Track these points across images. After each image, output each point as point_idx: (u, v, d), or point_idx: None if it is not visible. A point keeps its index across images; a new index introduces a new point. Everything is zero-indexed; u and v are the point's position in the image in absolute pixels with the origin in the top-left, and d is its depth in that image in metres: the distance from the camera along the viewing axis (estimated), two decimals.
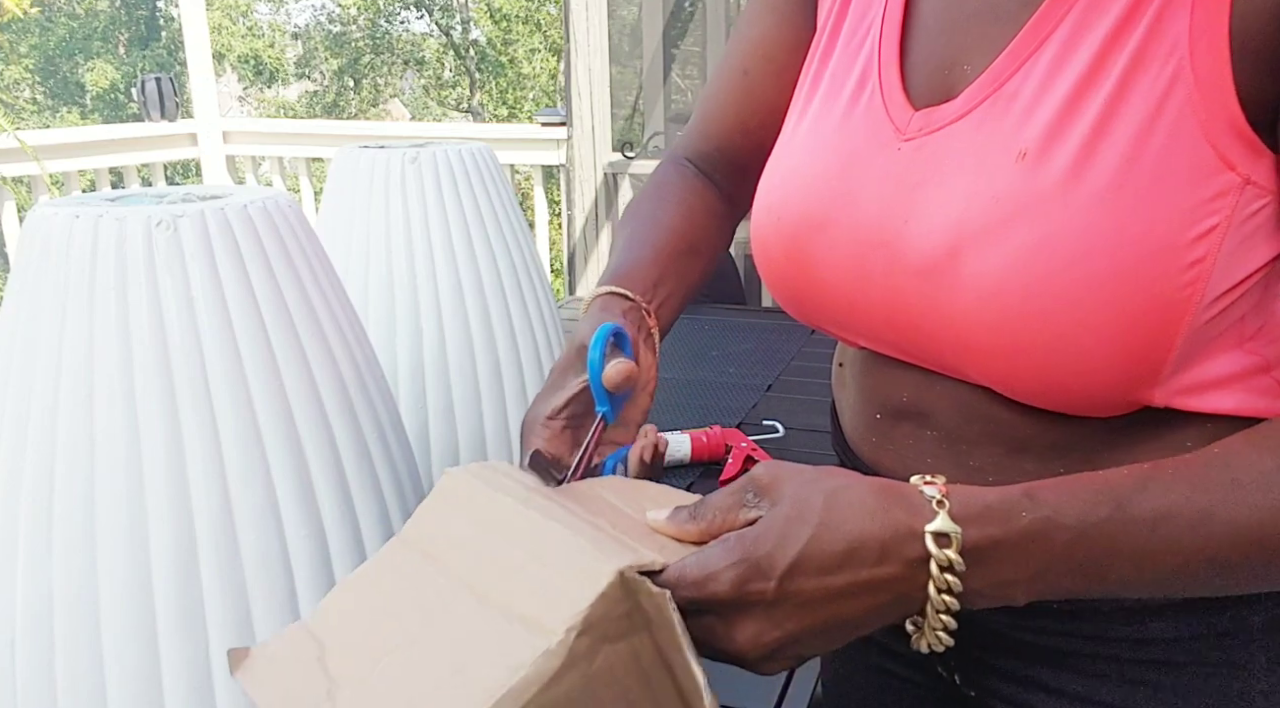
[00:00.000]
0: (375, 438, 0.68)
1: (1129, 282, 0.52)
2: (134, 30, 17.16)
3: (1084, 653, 0.64)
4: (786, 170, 0.69)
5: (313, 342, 0.64)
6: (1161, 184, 0.52)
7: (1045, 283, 0.53)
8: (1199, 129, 0.52)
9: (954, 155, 0.58)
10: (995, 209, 0.55)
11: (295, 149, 4.04)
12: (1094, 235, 0.53)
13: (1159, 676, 0.63)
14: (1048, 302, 0.53)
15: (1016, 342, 0.55)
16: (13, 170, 3.17)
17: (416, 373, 0.96)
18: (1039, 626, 0.65)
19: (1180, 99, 0.52)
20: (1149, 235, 0.52)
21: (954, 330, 0.57)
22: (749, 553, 0.46)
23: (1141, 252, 0.52)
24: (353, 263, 0.96)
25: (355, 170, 0.96)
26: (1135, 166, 0.53)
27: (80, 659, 0.58)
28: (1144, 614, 0.62)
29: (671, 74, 3.54)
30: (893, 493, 0.48)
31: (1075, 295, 0.53)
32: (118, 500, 0.57)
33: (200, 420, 0.59)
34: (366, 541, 0.66)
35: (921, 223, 0.59)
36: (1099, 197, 0.53)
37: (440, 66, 17.72)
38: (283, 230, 0.64)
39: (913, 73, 0.64)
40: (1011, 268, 0.54)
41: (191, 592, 0.58)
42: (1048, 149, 0.55)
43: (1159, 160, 0.53)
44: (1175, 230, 0.52)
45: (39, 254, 0.59)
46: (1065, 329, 0.53)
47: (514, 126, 8.04)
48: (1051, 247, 0.53)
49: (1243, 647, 0.61)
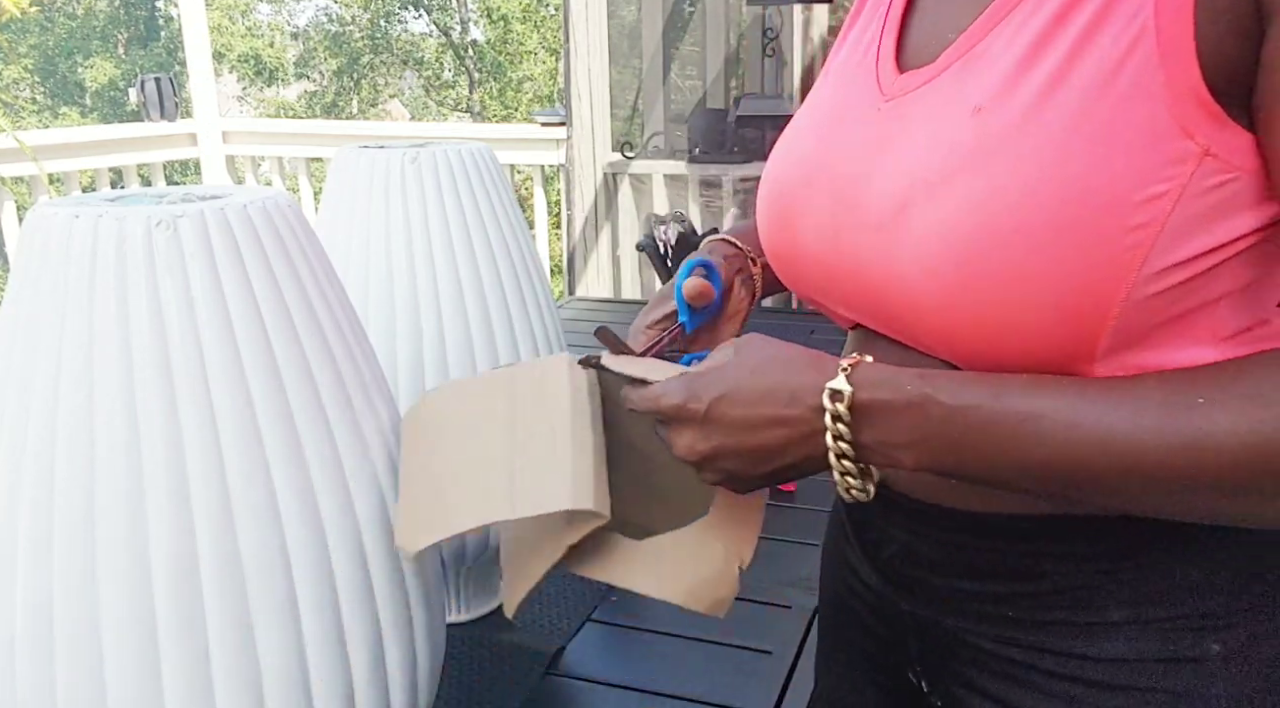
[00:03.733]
0: (375, 438, 0.68)
1: (1068, 237, 0.53)
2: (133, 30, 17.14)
3: (1039, 667, 0.64)
4: (786, 135, 0.73)
5: (313, 342, 0.64)
6: (1112, 143, 0.52)
7: (986, 234, 0.54)
8: (1158, 92, 0.52)
9: (921, 114, 0.61)
10: (946, 162, 0.57)
11: (295, 149, 4.04)
12: (1038, 188, 0.53)
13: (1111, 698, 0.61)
14: (986, 252, 0.54)
15: (956, 295, 0.56)
16: (12, 170, 3.16)
17: (416, 373, 0.96)
18: (999, 634, 0.65)
19: (1140, 59, 0.52)
20: (1093, 193, 0.52)
21: (903, 284, 0.59)
22: (691, 383, 0.61)
23: (1084, 208, 0.52)
24: (353, 263, 0.96)
25: (355, 170, 0.96)
26: (1085, 123, 0.53)
27: (80, 658, 0.57)
28: (1104, 630, 0.61)
29: (671, 74, 3.54)
30: (813, 358, 0.59)
31: (1015, 248, 0.54)
32: (117, 499, 0.57)
33: (200, 420, 0.59)
34: (366, 540, 0.66)
35: (881, 179, 0.61)
36: (1046, 150, 0.53)
37: (439, 66, 17.71)
38: (283, 230, 0.64)
39: (909, 41, 0.66)
40: (955, 218, 0.56)
41: (191, 591, 0.58)
42: (1001, 102, 0.56)
43: (1111, 119, 0.52)
44: (1122, 191, 0.52)
45: (38, 254, 0.59)
46: (1003, 281, 0.54)
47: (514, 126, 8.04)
48: (996, 198, 0.54)
49: (1201, 678, 0.60)
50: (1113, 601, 0.61)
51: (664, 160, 3.40)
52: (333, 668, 0.64)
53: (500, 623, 1.07)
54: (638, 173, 3.41)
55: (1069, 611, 0.62)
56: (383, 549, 0.67)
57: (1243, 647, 0.59)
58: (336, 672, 0.64)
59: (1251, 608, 0.60)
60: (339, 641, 0.64)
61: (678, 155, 3.41)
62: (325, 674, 0.63)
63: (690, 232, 2.24)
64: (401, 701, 0.69)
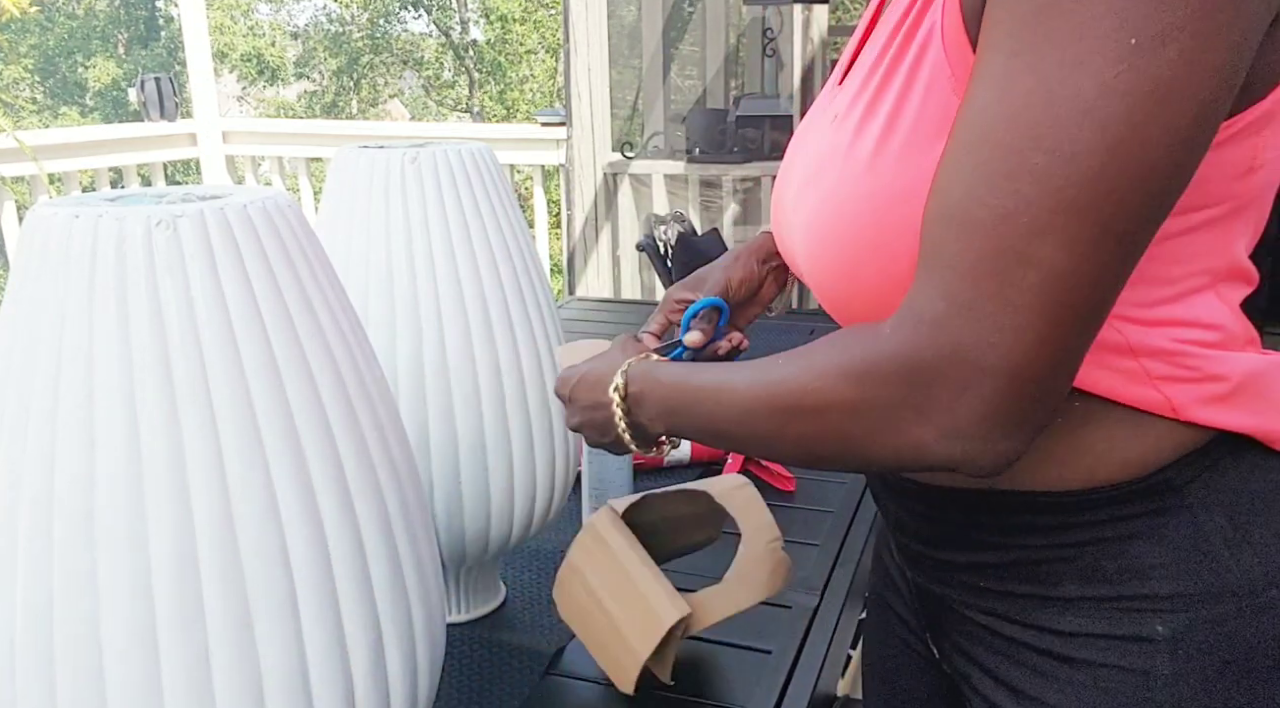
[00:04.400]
0: (375, 438, 0.68)
1: (888, 231, 0.60)
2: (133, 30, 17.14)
3: (1011, 637, 0.69)
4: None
5: (312, 342, 0.64)
6: (915, 138, 0.58)
7: (828, 229, 0.64)
8: (947, 82, 0.57)
9: (814, 122, 0.72)
10: (810, 164, 0.68)
11: (295, 149, 4.04)
12: (858, 192, 0.61)
13: (1070, 671, 0.65)
14: (831, 245, 0.64)
15: (820, 276, 0.68)
16: (12, 170, 3.16)
17: (416, 373, 0.96)
18: (977, 604, 0.72)
19: (933, 55, 0.57)
20: (903, 193, 0.58)
21: (797, 264, 0.73)
22: (566, 376, 0.83)
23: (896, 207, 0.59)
24: (352, 263, 0.96)
25: (355, 170, 0.96)
26: (894, 127, 0.59)
27: (79, 658, 0.57)
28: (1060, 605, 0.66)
29: (671, 74, 3.54)
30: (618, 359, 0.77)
31: (847, 241, 0.63)
32: (117, 500, 0.57)
33: (200, 420, 0.59)
34: (366, 540, 0.66)
35: (793, 174, 0.72)
36: (864, 155, 0.61)
37: (439, 66, 17.71)
38: (282, 230, 0.64)
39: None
40: (814, 214, 0.66)
41: (191, 591, 0.58)
42: (848, 112, 0.64)
43: (916, 118, 0.58)
44: (925, 183, 0.56)
45: (38, 253, 0.59)
46: (847, 268, 0.64)
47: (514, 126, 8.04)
48: (831, 200, 0.64)
49: (1148, 655, 0.62)
50: (1066, 577, 0.65)
51: (664, 160, 3.40)
52: (332, 668, 0.64)
53: (500, 623, 1.07)
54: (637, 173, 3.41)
55: (1030, 584, 0.67)
56: (382, 549, 0.67)
57: (1187, 630, 0.61)
58: (336, 672, 0.64)
59: (1202, 594, 0.61)
60: (339, 641, 0.64)
61: (677, 155, 3.41)
62: (325, 674, 0.63)
63: (690, 232, 2.24)
64: (401, 701, 0.69)
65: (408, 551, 0.69)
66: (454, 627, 1.06)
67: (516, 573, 1.17)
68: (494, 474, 0.98)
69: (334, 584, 0.64)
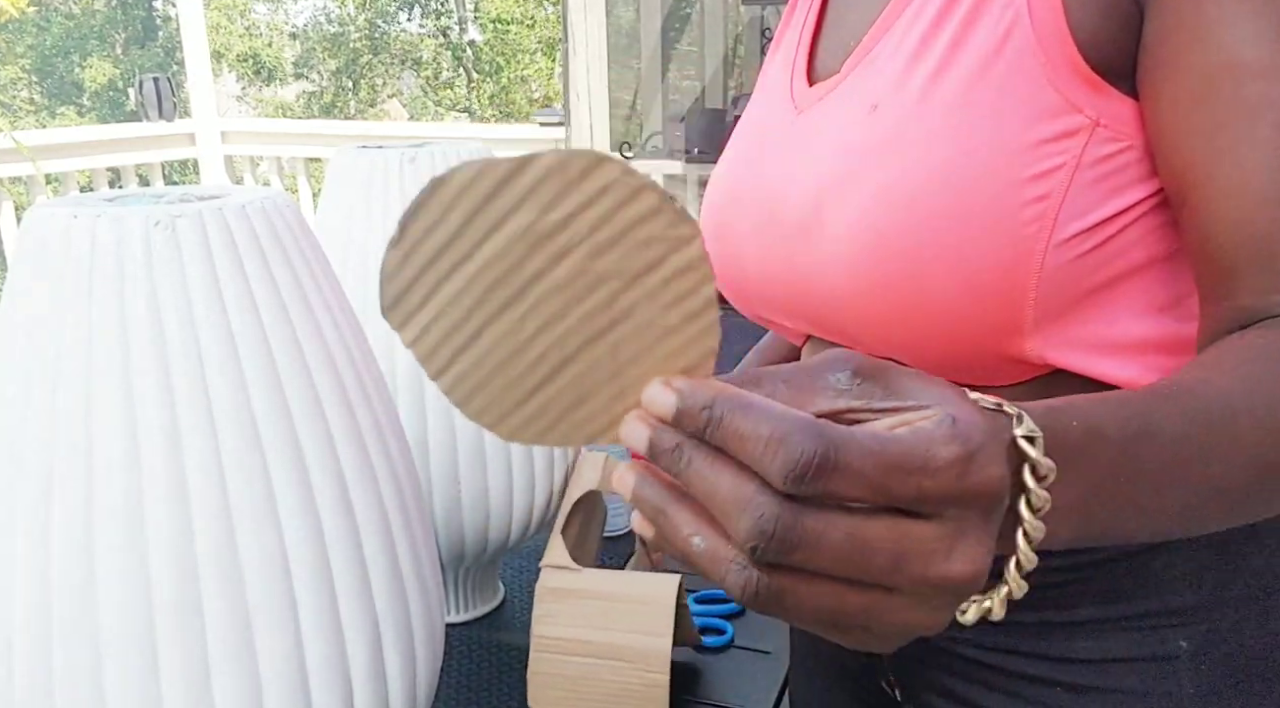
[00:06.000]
0: (374, 438, 0.68)
1: (971, 216, 0.54)
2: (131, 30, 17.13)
3: (1011, 670, 0.64)
4: (721, 158, 0.75)
5: (311, 342, 0.64)
6: (999, 122, 0.55)
7: (893, 225, 0.56)
8: (1039, 71, 0.55)
9: (827, 121, 0.64)
10: (849, 161, 0.59)
11: (293, 149, 4.04)
12: (933, 173, 0.55)
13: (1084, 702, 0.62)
14: (895, 242, 0.56)
15: (875, 286, 0.57)
16: (10, 170, 3.16)
17: (416, 373, 0.96)
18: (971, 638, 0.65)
19: (1018, 43, 0.55)
20: (987, 170, 0.54)
21: (827, 284, 0.60)
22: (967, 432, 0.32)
23: (980, 186, 0.54)
24: (351, 263, 0.96)
25: (353, 170, 0.96)
26: (970, 107, 0.55)
27: (78, 658, 0.57)
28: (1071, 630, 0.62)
29: (669, 74, 3.54)
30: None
31: (922, 232, 0.55)
32: (115, 500, 0.57)
33: (198, 421, 0.58)
34: (365, 541, 0.66)
35: (795, 189, 0.63)
36: (935, 135, 0.56)
37: (438, 66, 17.70)
38: (281, 230, 0.64)
39: (819, 55, 0.70)
40: (863, 213, 0.57)
41: (190, 592, 0.58)
42: (893, 98, 0.59)
43: (996, 100, 0.55)
44: (1016, 166, 0.54)
45: (36, 254, 0.59)
46: (916, 268, 0.56)
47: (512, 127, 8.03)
48: (896, 188, 0.56)
49: (1170, 675, 0.60)
50: (1083, 599, 0.61)
51: (662, 160, 3.40)
52: (331, 668, 0.64)
53: (499, 623, 1.07)
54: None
55: (1038, 611, 0.62)
56: (381, 550, 0.67)
57: (1209, 642, 0.60)
58: (335, 672, 0.64)
59: (1218, 601, 0.60)
60: (338, 641, 0.64)
61: (676, 155, 3.41)
62: (324, 674, 0.63)
63: None
64: (400, 701, 0.69)
65: (406, 551, 0.69)
66: (453, 627, 1.06)
67: (516, 573, 1.17)
68: (493, 474, 0.98)
69: (333, 584, 0.63)
